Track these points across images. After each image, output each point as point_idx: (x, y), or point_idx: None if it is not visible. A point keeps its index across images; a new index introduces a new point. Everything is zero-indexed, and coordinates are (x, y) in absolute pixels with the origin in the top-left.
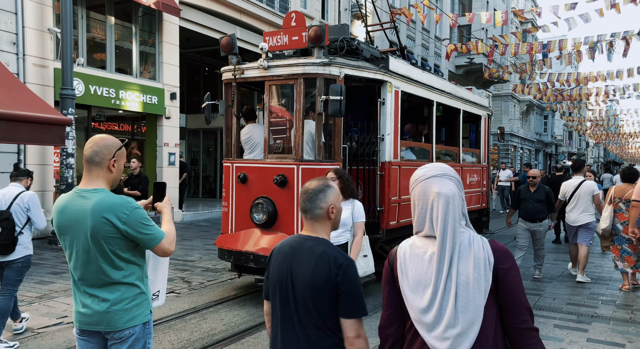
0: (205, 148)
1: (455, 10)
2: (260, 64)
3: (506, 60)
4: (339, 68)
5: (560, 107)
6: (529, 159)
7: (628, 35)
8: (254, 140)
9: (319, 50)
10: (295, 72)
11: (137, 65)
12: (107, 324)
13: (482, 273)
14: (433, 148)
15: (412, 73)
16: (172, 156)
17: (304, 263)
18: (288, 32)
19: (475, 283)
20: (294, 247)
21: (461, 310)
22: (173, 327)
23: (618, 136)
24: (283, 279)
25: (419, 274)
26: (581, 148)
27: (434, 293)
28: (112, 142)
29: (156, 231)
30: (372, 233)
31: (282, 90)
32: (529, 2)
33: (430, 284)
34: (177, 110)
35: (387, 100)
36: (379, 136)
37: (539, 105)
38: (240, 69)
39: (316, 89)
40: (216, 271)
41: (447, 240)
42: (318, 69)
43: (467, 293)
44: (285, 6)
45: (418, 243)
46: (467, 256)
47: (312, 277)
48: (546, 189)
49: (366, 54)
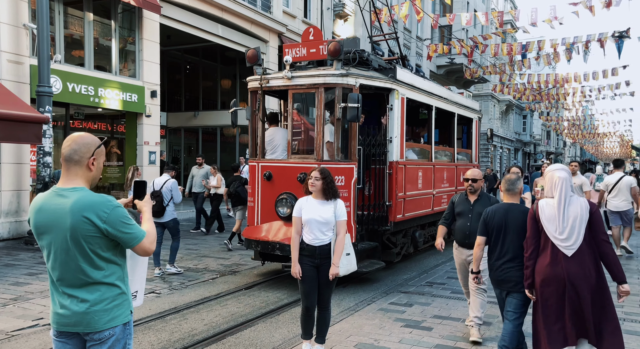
0: (186, 147)
1: (436, 11)
2: (284, 75)
3: (486, 60)
4: (355, 78)
5: (539, 107)
6: (508, 158)
7: (603, 37)
8: (276, 142)
9: (338, 62)
10: (317, 82)
11: (116, 62)
12: (86, 325)
13: (584, 212)
14: (432, 149)
15: (415, 81)
16: (152, 155)
17: None
18: (306, 45)
19: (580, 217)
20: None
21: (574, 229)
22: (153, 327)
23: (594, 136)
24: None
25: (550, 214)
26: (559, 147)
27: (559, 221)
28: (90, 140)
29: (137, 230)
30: (381, 225)
31: (304, 97)
32: (508, 3)
33: (557, 217)
34: (158, 108)
35: (394, 106)
36: (388, 138)
37: (518, 105)
38: (265, 79)
39: (335, 97)
40: (197, 271)
41: (563, 197)
42: (337, 80)
43: (576, 221)
44: (267, 4)
45: (549, 201)
46: (575, 204)
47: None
48: (492, 199)
49: (375, 64)
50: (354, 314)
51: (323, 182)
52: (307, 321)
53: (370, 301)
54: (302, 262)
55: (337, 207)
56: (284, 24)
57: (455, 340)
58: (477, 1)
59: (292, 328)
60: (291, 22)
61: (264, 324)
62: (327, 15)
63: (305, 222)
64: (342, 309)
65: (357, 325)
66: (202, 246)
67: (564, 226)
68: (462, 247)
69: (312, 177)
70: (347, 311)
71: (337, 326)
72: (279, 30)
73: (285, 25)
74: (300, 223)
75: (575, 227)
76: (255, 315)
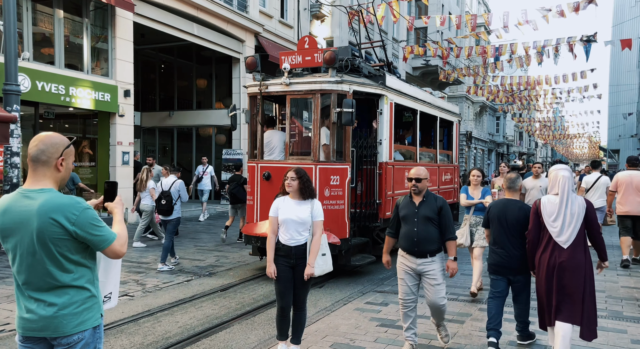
0: (161, 147)
1: (412, 13)
2: (283, 81)
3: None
4: (348, 85)
5: (511, 109)
6: (482, 159)
7: (571, 41)
8: (273, 144)
9: (333, 70)
10: (314, 89)
11: (88, 61)
12: (54, 329)
13: (581, 210)
14: (417, 150)
15: (403, 87)
16: (125, 155)
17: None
18: (302, 53)
19: (577, 214)
20: None
21: (571, 225)
22: (125, 331)
23: (564, 137)
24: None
25: (552, 209)
26: (531, 148)
27: (558, 218)
28: (59, 140)
29: (107, 232)
30: (371, 222)
31: (301, 102)
32: (482, 6)
33: (557, 213)
34: (131, 108)
35: (384, 110)
36: (378, 140)
37: (492, 106)
38: (264, 85)
39: (331, 102)
40: (172, 273)
41: (565, 195)
42: (332, 86)
43: (573, 218)
44: (243, 4)
45: (550, 198)
46: (575, 203)
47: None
48: (439, 200)
49: (365, 71)
50: (330, 314)
51: (299, 182)
52: (282, 321)
53: (346, 301)
54: (277, 262)
55: (314, 208)
56: (260, 24)
57: (429, 338)
58: (451, 4)
59: (268, 329)
60: (268, 22)
61: (240, 325)
62: (303, 15)
63: (281, 222)
64: (319, 309)
65: (333, 325)
66: (177, 248)
67: (564, 222)
68: (410, 255)
69: (288, 177)
70: (323, 312)
71: (313, 327)
72: (256, 30)
73: (262, 25)
74: (276, 223)
75: (572, 224)
76: (230, 317)
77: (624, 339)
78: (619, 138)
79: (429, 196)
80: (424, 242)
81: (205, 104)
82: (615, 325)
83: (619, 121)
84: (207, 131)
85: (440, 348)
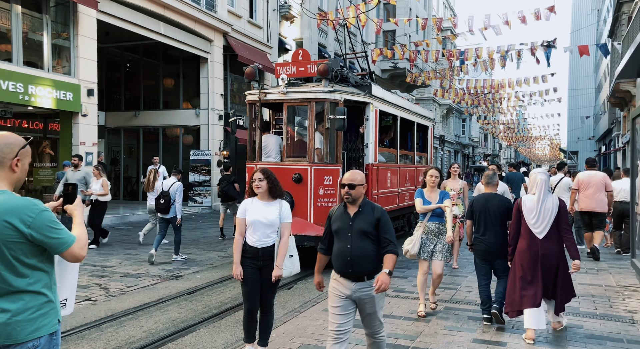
0: (126, 148)
1: (380, 16)
2: (280, 90)
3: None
4: (340, 94)
5: (477, 111)
6: (449, 160)
7: (534, 46)
8: (270, 147)
9: (326, 80)
10: (309, 97)
11: (49, 58)
12: (6, 336)
13: (554, 206)
14: (398, 153)
15: (386, 96)
16: (89, 156)
17: None
18: (296, 64)
19: (551, 210)
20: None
21: (545, 219)
22: (87, 337)
23: (527, 139)
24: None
25: (530, 206)
26: (495, 150)
27: (536, 212)
28: (14, 140)
29: (66, 234)
30: None
31: (297, 110)
32: (448, 10)
33: (535, 209)
34: (95, 107)
35: (370, 117)
36: (365, 144)
37: (458, 109)
38: (263, 93)
39: (324, 110)
40: (137, 277)
41: (542, 194)
42: (326, 95)
43: (547, 213)
44: (212, 3)
45: (530, 197)
46: (549, 200)
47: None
48: (377, 210)
49: (352, 80)
50: (298, 316)
51: (267, 182)
52: (249, 323)
53: (314, 302)
54: (244, 264)
55: (283, 209)
56: (229, 24)
57: (396, 338)
58: (419, 8)
59: (235, 332)
60: (236, 22)
61: (206, 329)
62: (273, 16)
63: (249, 224)
64: (287, 310)
65: (301, 327)
66: (142, 251)
67: (539, 217)
68: (344, 278)
69: (255, 179)
70: (291, 313)
71: (281, 328)
72: (224, 29)
73: (231, 25)
74: (243, 224)
75: (546, 218)
76: (197, 320)
77: (579, 335)
78: (578, 140)
79: (366, 205)
80: (360, 262)
81: (173, 104)
82: (572, 321)
83: (577, 123)
84: (175, 131)
85: (405, 347)
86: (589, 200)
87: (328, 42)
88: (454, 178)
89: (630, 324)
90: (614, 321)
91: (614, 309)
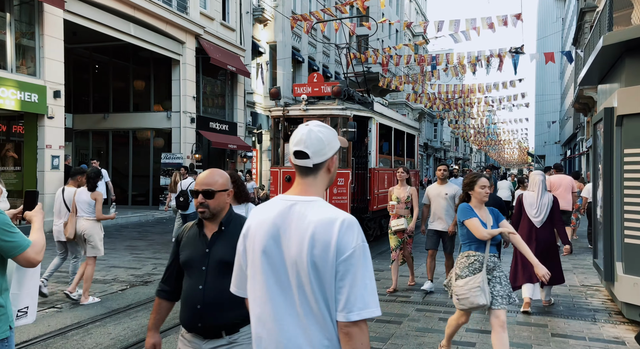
0: (95, 151)
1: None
2: (301, 108)
3: (400, 70)
4: (350, 111)
5: (448, 116)
6: (421, 163)
7: (503, 53)
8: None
9: (339, 100)
10: (325, 113)
11: (12, 59)
12: None
13: (549, 202)
14: (392, 158)
15: (384, 111)
16: (55, 159)
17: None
18: (311, 85)
19: (547, 204)
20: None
21: (543, 211)
22: (52, 345)
23: (496, 143)
24: None
25: (531, 201)
26: (466, 153)
27: (535, 206)
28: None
29: (20, 238)
30: (362, 213)
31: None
32: (420, 16)
33: (535, 203)
34: (62, 109)
35: (372, 129)
36: (368, 151)
37: (430, 113)
38: (286, 110)
39: (338, 124)
40: (105, 283)
41: (539, 191)
42: (339, 112)
43: (544, 207)
44: (183, 5)
45: (530, 193)
46: (545, 196)
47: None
48: (240, 219)
49: (356, 97)
50: None
51: (234, 186)
52: None
53: None
54: None
55: (249, 213)
56: (201, 26)
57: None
58: (391, 13)
59: None
60: (209, 24)
61: (177, 334)
62: (246, 19)
63: None
64: None
65: None
66: (110, 256)
67: (538, 209)
68: (193, 334)
69: None
70: None
71: None
72: (196, 31)
73: (203, 27)
74: None
75: (544, 210)
76: (168, 326)
77: (547, 334)
78: (545, 144)
79: (233, 221)
80: (215, 311)
81: (143, 106)
82: (537, 321)
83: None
84: (145, 134)
85: None
86: (560, 199)
87: (302, 45)
88: (402, 184)
89: (592, 323)
90: (577, 319)
91: (577, 309)
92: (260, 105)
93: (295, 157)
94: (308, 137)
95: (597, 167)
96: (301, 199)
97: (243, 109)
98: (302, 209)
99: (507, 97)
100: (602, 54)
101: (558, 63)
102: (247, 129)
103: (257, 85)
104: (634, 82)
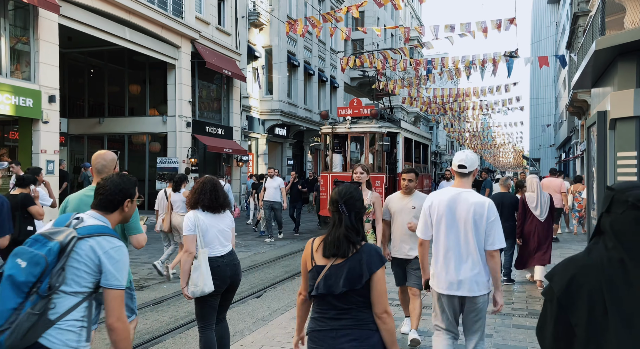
0: (90, 155)
1: (348, 24)
2: (346, 126)
3: (396, 74)
4: (385, 128)
5: (443, 119)
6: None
7: (497, 57)
8: (336, 162)
9: (375, 120)
10: (365, 130)
11: (7, 63)
12: None
13: (547, 200)
14: (413, 164)
15: (408, 127)
16: (50, 164)
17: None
18: (352, 108)
19: (546, 202)
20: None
21: (544, 207)
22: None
23: (491, 146)
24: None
25: (533, 199)
26: None
27: (537, 204)
28: None
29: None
30: None
31: (357, 138)
32: (415, 20)
33: (535, 200)
34: (57, 114)
35: (399, 142)
36: (397, 160)
37: (425, 117)
38: (335, 128)
39: (375, 138)
40: None
41: (538, 191)
42: (377, 130)
43: (545, 204)
44: (179, 9)
45: (531, 194)
46: (544, 196)
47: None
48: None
49: (385, 115)
50: (267, 324)
51: (194, 192)
52: None
53: (284, 310)
54: None
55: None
56: (197, 30)
57: None
58: (387, 18)
59: None
60: (205, 28)
61: (172, 340)
62: (241, 23)
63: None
64: (255, 319)
65: (270, 335)
66: None
67: (540, 208)
68: None
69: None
70: (260, 322)
71: (249, 337)
72: (192, 36)
73: (199, 31)
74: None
75: (544, 207)
76: (163, 331)
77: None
78: (540, 148)
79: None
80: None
81: (139, 111)
82: (533, 324)
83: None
84: (141, 138)
85: None
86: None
87: (297, 50)
88: (361, 188)
89: None
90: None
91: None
92: (256, 109)
93: (458, 168)
94: (466, 157)
95: (591, 170)
96: (465, 191)
97: (239, 113)
98: (466, 195)
99: (502, 101)
100: (595, 58)
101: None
102: (243, 133)
103: (252, 89)
104: (626, 86)
